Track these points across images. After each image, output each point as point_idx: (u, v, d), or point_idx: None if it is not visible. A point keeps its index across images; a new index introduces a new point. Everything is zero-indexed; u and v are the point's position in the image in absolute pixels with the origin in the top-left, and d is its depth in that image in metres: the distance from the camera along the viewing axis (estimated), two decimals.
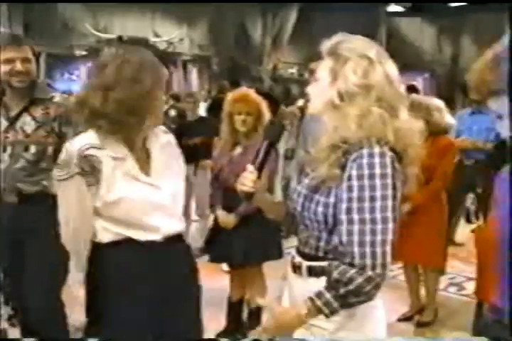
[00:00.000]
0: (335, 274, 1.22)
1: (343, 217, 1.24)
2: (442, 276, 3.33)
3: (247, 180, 1.37)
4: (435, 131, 3.06)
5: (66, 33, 9.18)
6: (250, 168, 1.38)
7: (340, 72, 1.28)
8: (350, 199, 1.23)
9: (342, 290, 1.20)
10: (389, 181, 1.21)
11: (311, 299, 1.23)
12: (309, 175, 1.38)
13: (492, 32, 1.06)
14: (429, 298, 3.22)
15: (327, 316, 1.23)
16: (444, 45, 12.39)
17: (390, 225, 1.21)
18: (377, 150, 1.22)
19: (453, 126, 3.23)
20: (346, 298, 1.21)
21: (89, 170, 1.52)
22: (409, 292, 3.28)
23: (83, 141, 1.55)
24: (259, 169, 1.38)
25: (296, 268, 1.40)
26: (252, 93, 2.78)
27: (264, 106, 2.74)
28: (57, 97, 2.31)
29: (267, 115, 2.73)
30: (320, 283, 1.29)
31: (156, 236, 1.61)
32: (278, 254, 2.73)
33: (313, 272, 1.35)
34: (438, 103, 3.13)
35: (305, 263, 1.37)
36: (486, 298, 1.31)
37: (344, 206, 1.23)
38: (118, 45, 8.86)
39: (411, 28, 12.35)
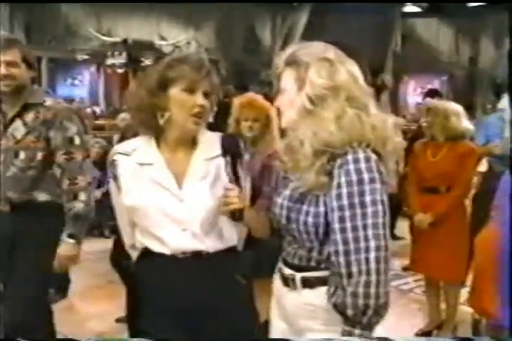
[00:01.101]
0: (349, 311, 1.21)
1: (336, 225, 1.22)
2: (462, 289, 3.18)
3: (231, 197, 1.39)
4: (452, 136, 2.96)
5: (69, 36, 9.08)
6: (229, 185, 1.41)
7: (306, 78, 1.28)
8: (341, 207, 1.22)
9: (365, 319, 1.20)
10: (377, 186, 1.21)
11: None
12: (289, 185, 1.34)
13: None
14: (449, 312, 3.07)
15: None
16: (462, 47, 12.17)
17: (381, 231, 1.20)
18: (361, 155, 1.22)
19: (471, 131, 3.10)
20: (371, 321, 1.21)
21: (116, 175, 1.55)
22: (429, 306, 3.15)
23: (116, 147, 1.60)
24: (237, 183, 1.40)
25: (289, 281, 1.37)
26: (259, 98, 2.69)
27: (272, 112, 2.64)
28: (49, 101, 2.23)
29: (275, 121, 2.64)
30: (315, 293, 1.29)
31: (165, 250, 1.52)
32: None
33: (307, 283, 1.33)
34: (455, 107, 3.02)
35: (298, 275, 1.34)
36: (476, 307, 1.30)
37: (336, 215, 1.23)
38: (123, 48, 8.78)
39: (428, 29, 12.16)
